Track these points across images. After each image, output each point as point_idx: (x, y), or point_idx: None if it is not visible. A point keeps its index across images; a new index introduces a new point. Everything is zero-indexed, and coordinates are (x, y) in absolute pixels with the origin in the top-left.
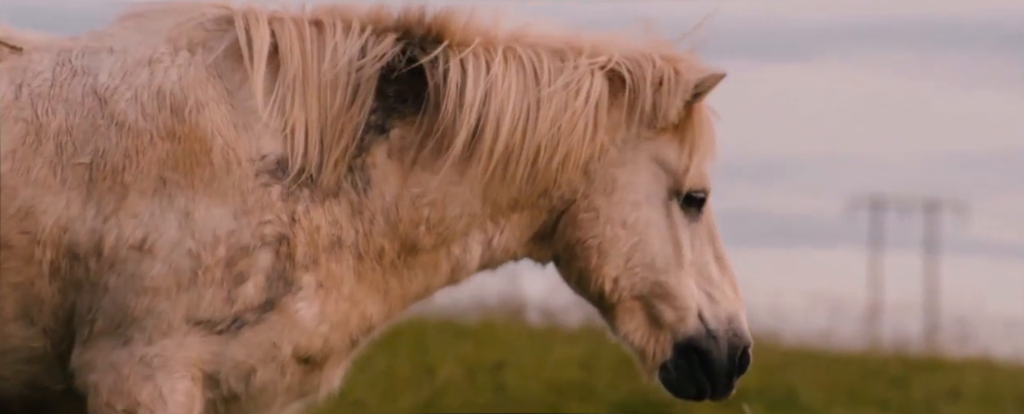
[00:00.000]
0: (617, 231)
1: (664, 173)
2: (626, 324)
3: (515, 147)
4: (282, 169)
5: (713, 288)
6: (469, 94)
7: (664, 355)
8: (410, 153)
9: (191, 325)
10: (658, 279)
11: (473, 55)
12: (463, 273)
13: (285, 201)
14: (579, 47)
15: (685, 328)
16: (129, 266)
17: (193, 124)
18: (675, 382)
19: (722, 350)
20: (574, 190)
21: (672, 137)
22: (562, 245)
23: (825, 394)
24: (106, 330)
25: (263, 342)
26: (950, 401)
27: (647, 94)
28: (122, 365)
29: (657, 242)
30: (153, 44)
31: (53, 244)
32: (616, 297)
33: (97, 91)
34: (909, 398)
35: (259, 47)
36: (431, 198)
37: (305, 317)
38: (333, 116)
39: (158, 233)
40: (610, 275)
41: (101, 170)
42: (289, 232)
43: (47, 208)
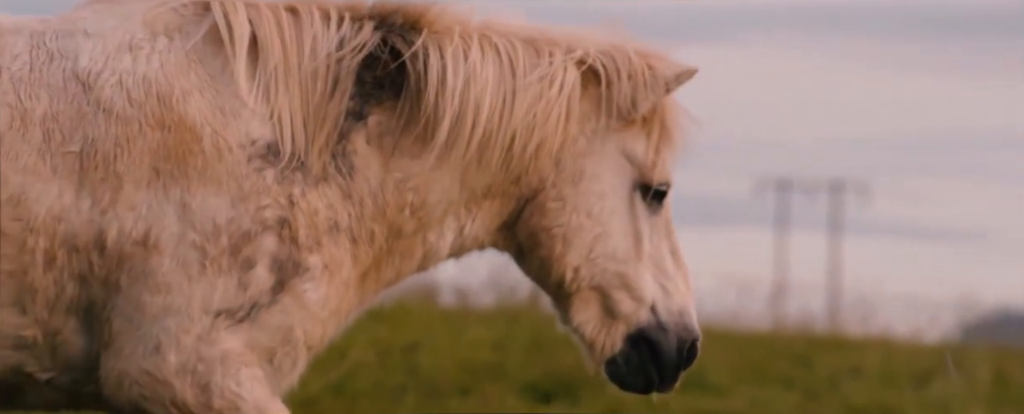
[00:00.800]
0: (582, 220)
1: (630, 165)
2: (580, 314)
3: (492, 133)
4: (273, 153)
5: (668, 281)
6: (450, 81)
7: (614, 348)
8: (389, 139)
9: (211, 317)
10: (618, 270)
11: (450, 43)
12: (433, 260)
13: (281, 184)
14: (552, 39)
15: (638, 319)
16: (137, 263)
17: (181, 113)
18: (624, 375)
19: (671, 343)
20: (543, 179)
21: (640, 130)
22: (527, 233)
23: (732, 373)
24: (125, 330)
25: (280, 325)
26: (851, 378)
27: (621, 88)
28: (171, 380)
29: (619, 233)
30: (129, 29)
31: (47, 233)
32: (575, 286)
33: (79, 76)
34: (813, 376)
35: (240, 35)
36: (414, 183)
37: (312, 299)
38: (315, 104)
39: (160, 227)
40: (572, 264)
41: (92, 159)
42: (289, 215)
43: (39, 196)
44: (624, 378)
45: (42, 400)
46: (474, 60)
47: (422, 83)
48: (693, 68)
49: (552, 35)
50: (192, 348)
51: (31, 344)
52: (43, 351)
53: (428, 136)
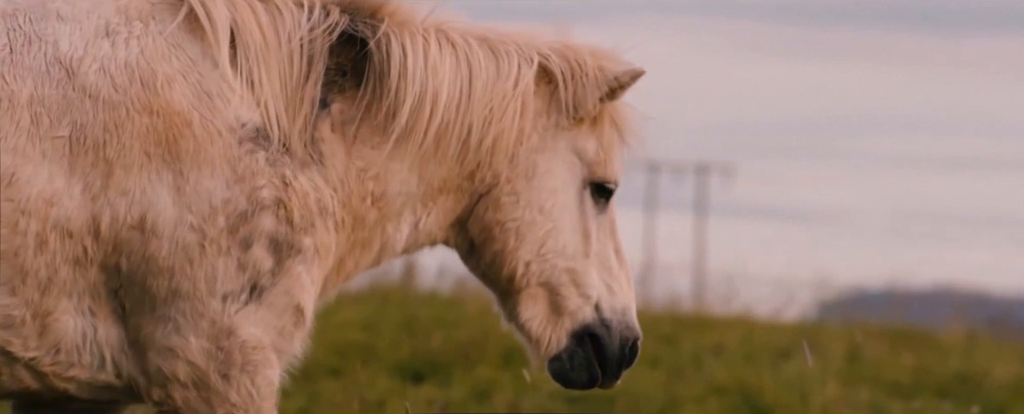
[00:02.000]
0: (535, 216)
1: (581, 163)
2: (527, 310)
3: (450, 123)
4: (263, 137)
5: (612, 280)
6: (412, 66)
7: (559, 344)
8: (351, 127)
9: (219, 300)
10: (567, 266)
11: (411, 35)
12: (389, 253)
13: (273, 167)
14: (505, 38)
15: (583, 316)
16: (136, 248)
17: (167, 98)
18: (568, 371)
19: (615, 340)
20: (497, 174)
21: (590, 129)
22: (480, 227)
23: None
24: (138, 309)
25: (287, 304)
26: (714, 357)
27: (573, 86)
28: (197, 360)
29: (569, 230)
30: (103, 14)
31: (38, 216)
32: (524, 282)
33: (61, 61)
34: (678, 354)
35: (221, 21)
36: (374, 172)
37: (306, 281)
38: (292, 89)
39: (156, 212)
40: (523, 259)
41: (82, 144)
42: (284, 196)
43: (29, 178)
44: (568, 374)
45: (16, 384)
46: (433, 51)
47: (385, 67)
48: (640, 70)
49: (504, 34)
50: (210, 334)
51: (18, 324)
52: (30, 331)
53: (388, 123)
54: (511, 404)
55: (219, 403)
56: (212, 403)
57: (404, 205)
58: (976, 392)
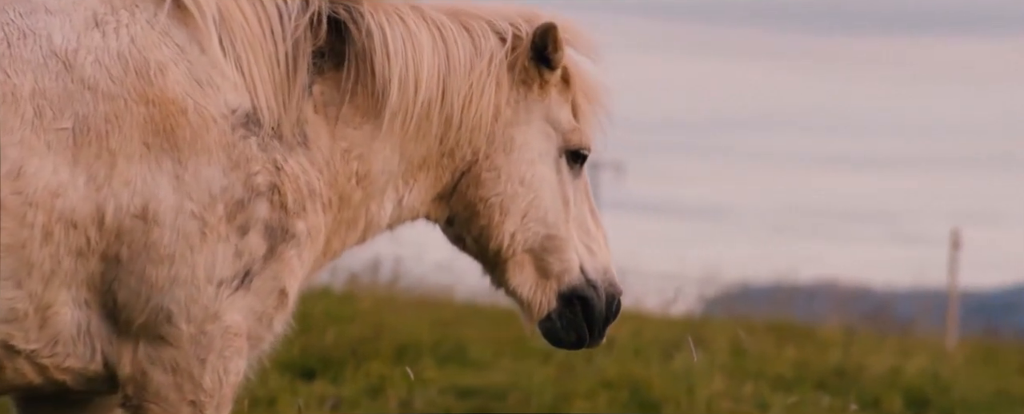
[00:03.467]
0: (516, 188)
1: (555, 132)
2: (516, 277)
3: (432, 101)
4: (254, 122)
5: (591, 241)
6: (392, 48)
7: (549, 305)
8: (333, 109)
9: (215, 286)
10: (549, 233)
11: (386, 14)
12: (373, 231)
13: (265, 152)
14: (474, 12)
15: (570, 278)
16: (138, 237)
17: (161, 87)
18: (559, 331)
19: (601, 298)
20: (476, 150)
21: (562, 98)
22: (463, 204)
23: (493, 347)
24: (132, 301)
25: (271, 289)
26: (605, 351)
27: (522, 53)
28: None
29: (549, 198)
30: (89, 4)
31: (44, 208)
32: (511, 251)
33: (57, 54)
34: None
35: (207, 6)
36: (358, 152)
37: (296, 265)
38: (281, 74)
39: (157, 200)
40: (508, 230)
41: (85, 135)
42: (277, 180)
43: (36, 171)
44: (558, 334)
45: (20, 378)
46: (412, 29)
47: (366, 47)
48: (548, 23)
49: (473, 9)
50: (201, 319)
51: (21, 317)
52: (32, 324)
53: (372, 103)
54: (403, 401)
55: (191, 389)
56: (183, 389)
57: (387, 183)
58: (853, 384)
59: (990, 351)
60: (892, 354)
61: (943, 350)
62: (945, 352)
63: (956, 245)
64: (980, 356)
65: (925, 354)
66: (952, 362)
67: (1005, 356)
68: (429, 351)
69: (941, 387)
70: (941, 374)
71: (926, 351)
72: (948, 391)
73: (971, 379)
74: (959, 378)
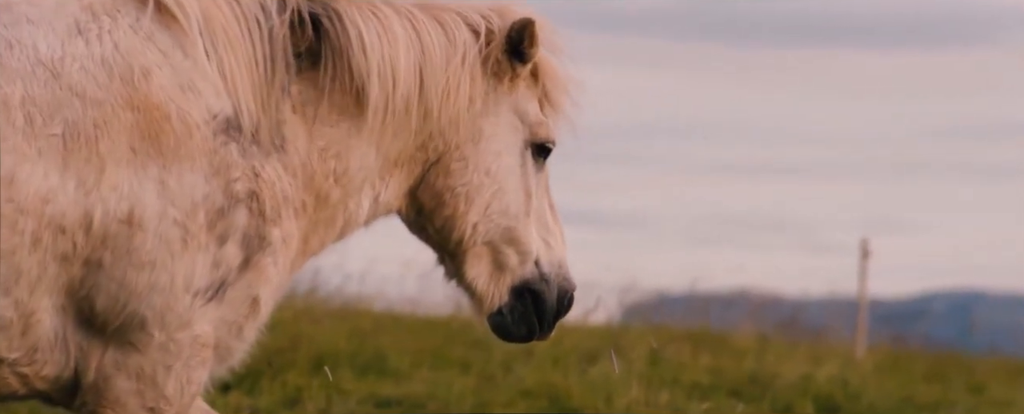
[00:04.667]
0: (482, 179)
1: (522, 125)
2: (473, 269)
3: (411, 96)
4: (234, 127)
5: (548, 235)
6: (368, 45)
7: (502, 299)
8: (310, 108)
9: (191, 296)
10: (509, 225)
11: (359, 10)
12: (352, 228)
13: (245, 158)
14: (441, 5)
15: (523, 272)
16: (122, 241)
17: (146, 92)
18: (509, 325)
19: (553, 293)
20: (447, 141)
21: (530, 91)
22: (431, 194)
23: (412, 357)
24: (110, 307)
25: (244, 298)
26: (524, 361)
27: (496, 47)
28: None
29: (512, 190)
30: (70, 12)
31: (35, 214)
32: (471, 242)
33: (44, 63)
34: (489, 359)
35: (191, 11)
36: (336, 150)
37: (271, 273)
38: (260, 76)
39: (142, 205)
40: (471, 221)
41: (75, 140)
42: (256, 187)
43: (28, 178)
44: (508, 328)
45: (5, 387)
46: (386, 25)
47: (343, 45)
48: (526, 19)
49: (442, 2)
50: (173, 327)
51: (7, 325)
52: (15, 332)
53: (350, 100)
54: (321, 411)
55: (153, 396)
56: (145, 396)
57: (364, 180)
58: (766, 391)
59: (898, 358)
60: (804, 361)
61: (853, 357)
62: (855, 359)
63: (865, 254)
64: (888, 363)
65: (835, 361)
66: (861, 369)
67: (912, 363)
68: (347, 361)
69: (851, 394)
70: (851, 381)
71: (836, 358)
72: (857, 398)
73: (879, 386)
74: (868, 385)
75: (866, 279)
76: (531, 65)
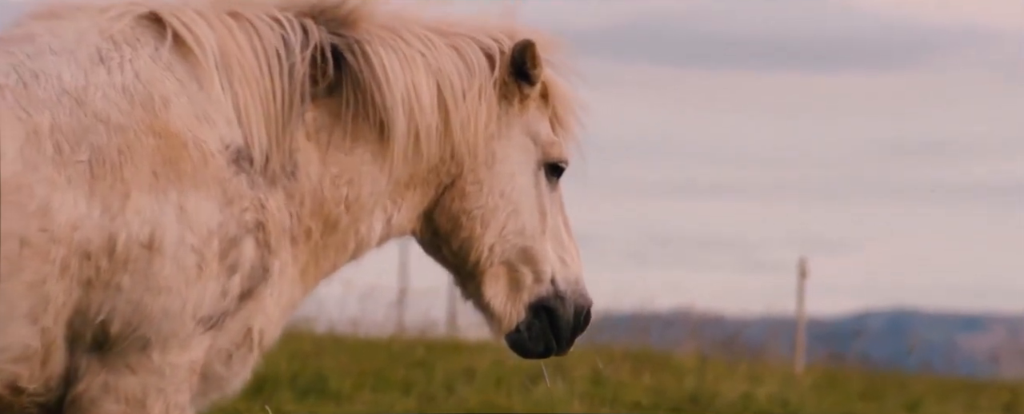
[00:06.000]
0: (497, 201)
1: (534, 145)
2: (490, 289)
3: (434, 125)
4: (244, 158)
5: (564, 252)
6: (392, 75)
7: (519, 317)
8: (324, 134)
9: (195, 322)
10: (525, 245)
11: (379, 39)
12: (364, 250)
13: (253, 189)
14: (457, 29)
15: (540, 290)
16: (141, 264)
17: (166, 120)
18: (526, 342)
19: (569, 310)
20: (461, 164)
21: (540, 112)
22: (447, 217)
23: (353, 379)
24: (123, 332)
25: (240, 328)
26: (466, 381)
27: (504, 70)
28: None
29: (528, 210)
30: (92, 42)
31: (66, 242)
32: (489, 263)
33: (68, 92)
34: (431, 379)
35: (207, 42)
36: (348, 177)
37: (268, 303)
38: (277, 108)
39: (163, 230)
40: (488, 242)
41: (101, 166)
42: (263, 218)
43: (60, 206)
44: (525, 345)
45: None
46: (407, 52)
47: (368, 75)
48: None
49: (455, 24)
50: (174, 352)
51: (31, 355)
52: (37, 362)
53: (368, 129)
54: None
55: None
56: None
57: (375, 204)
58: (706, 410)
59: (835, 376)
60: (743, 380)
61: (792, 376)
62: (793, 377)
63: (803, 274)
64: (826, 381)
65: (775, 380)
66: (800, 387)
67: (849, 381)
68: (288, 383)
69: (790, 412)
70: (789, 399)
71: (776, 377)
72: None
73: (818, 404)
74: (806, 403)
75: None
76: (539, 86)
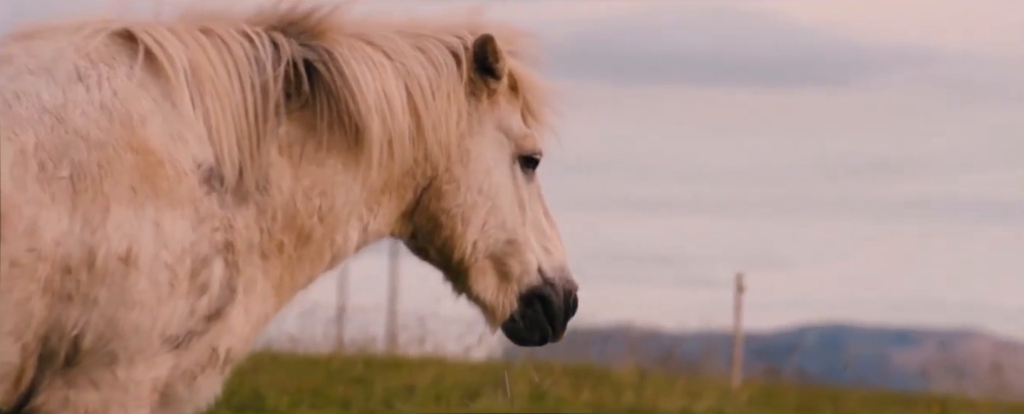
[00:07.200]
0: (475, 198)
1: (507, 139)
2: (479, 283)
3: (407, 130)
4: (216, 177)
5: (547, 241)
6: (365, 86)
7: (512, 307)
8: (297, 147)
9: (162, 341)
10: (508, 238)
11: (350, 47)
12: (341, 259)
13: (223, 208)
14: (423, 31)
15: (529, 279)
16: (117, 278)
17: (143, 137)
18: (521, 330)
19: (559, 295)
20: (436, 165)
21: (511, 106)
22: (427, 217)
23: (291, 396)
24: (94, 346)
25: (205, 348)
26: (406, 397)
27: (469, 66)
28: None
29: (507, 204)
30: (69, 59)
31: (50, 259)
32: (474, 259)
33: (49, 110)
34: (370, 396)
35: (178, 61)
36: (321, 188)
37: (236, 322)
38: (249, 125)
39: (140, 245)
40: (470, 239)
41: (82, 181)
42: (231, 238)
43: (45, 224)
44: (522, 334)
45: None
46: (377, 60)
47: (341, 86)
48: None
49: (421, 25)
50: (139, 369)
51: (11, 372)
52: (12, 379)
53: (341, 139)
54: None
55: None
56: None
57: (351, 213)
58: None
59: (771, 391)
60: (682, 395)
61: (729, 390)
62: (730, 392)
63: (741, 289)
64: (762, 396)
65: (712, 394)
66: (736, 402)
67: (785, 396)
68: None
69: None
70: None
71: (713, 392)
72: None
73: None
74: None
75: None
76: (506, 79)
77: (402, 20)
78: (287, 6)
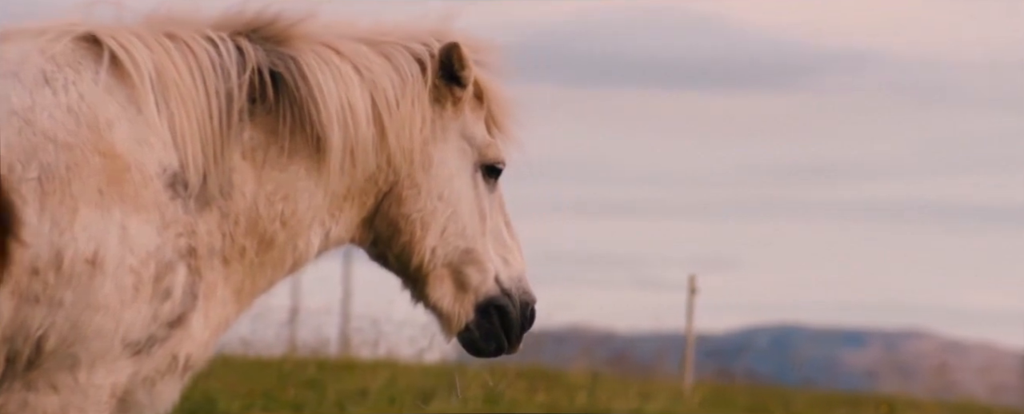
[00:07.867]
0: (435, 204)
1: (470, 148)
2: (436, 291)
3: (370, 137)
4: (180, 182)
5: (506, 252)
6: (328, 94)
7: (468, 316)
8: (260, 152)
9: (123, 345)
10: (467, 246)
11: (314, 53)
12: (302, 264)
13: (187, 213)
14: (387, 38)
15: (486, 289)
16: (83, 280)
17: (110, 141)
18: (478, 341)
19: (516, 306)
20: (398, 171)
21: (475, 115)
22: (387, 222)
23: (243, 399)
24: (57, 349)
25: (166, 354)
26: (358, 400)
27: (434, 74)
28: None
29: (467, 212)
30: (35, 64)
31: (19, 262)
32: (432, 266)
33: (17, 113)
34: (323, 399)
35: (143, 66)
36: (284, 193)
37: (196, 328)
38: (214, 130)
39: (106, 247)
40: (429, 246)
41: (51, 183)
42: (194, 243)
43: None
44: (477, 343)
45: None
46: (340, 66)
47: (304, 93)
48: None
49: (387, 32)
50: (100, 374)
51: None
52: None
53: (304, 145)
54: None
55: None
56: None
57: (313, 219)
58: None
59: (723, 392)
60: (634, 397)
61: (681, 392)
62: (682, 394)
63: (693, 291)
64: (714, 397)
65: (664, 396)
66: (689, 403)
67: (736, 397)
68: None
69: None
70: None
71: (665, 393)
72: None
73: None
74: None
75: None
76: (471, 87)
77: (368, 26)
78: (252, 12)
